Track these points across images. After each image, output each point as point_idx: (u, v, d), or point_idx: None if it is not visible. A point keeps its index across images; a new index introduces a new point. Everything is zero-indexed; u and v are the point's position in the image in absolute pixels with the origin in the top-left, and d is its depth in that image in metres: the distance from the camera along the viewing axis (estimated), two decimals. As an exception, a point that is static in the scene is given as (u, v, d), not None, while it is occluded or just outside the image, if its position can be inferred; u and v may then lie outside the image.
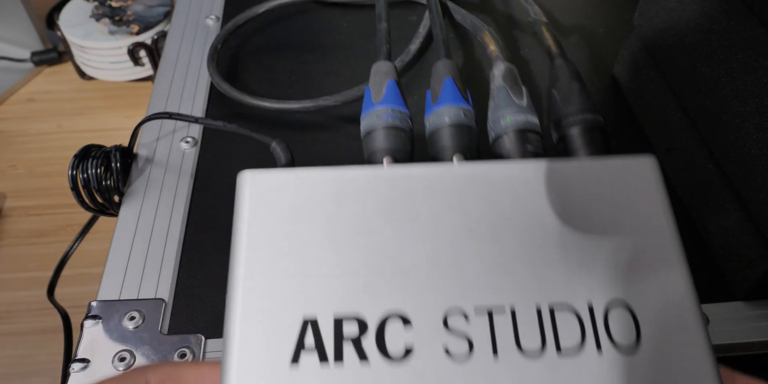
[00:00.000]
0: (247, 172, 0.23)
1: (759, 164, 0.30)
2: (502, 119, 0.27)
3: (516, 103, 0.28)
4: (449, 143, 0.27)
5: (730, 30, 0.32)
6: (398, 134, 0.27)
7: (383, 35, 0.34)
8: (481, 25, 0.36)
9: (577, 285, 0.21)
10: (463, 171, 0.23)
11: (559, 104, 0.28)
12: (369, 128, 0.27)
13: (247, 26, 0.49)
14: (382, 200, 0.23)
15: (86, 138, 1.24)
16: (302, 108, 0.41)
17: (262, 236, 0.22)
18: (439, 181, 0.23)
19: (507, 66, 0.30)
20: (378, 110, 0.27)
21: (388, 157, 0.26)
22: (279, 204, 0.22)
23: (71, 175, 0.34)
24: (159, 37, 1.20)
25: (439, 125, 0.27)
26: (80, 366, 0.29)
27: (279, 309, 0.21)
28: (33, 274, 1.01)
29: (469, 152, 0.27)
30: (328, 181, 0.23)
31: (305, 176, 0.23)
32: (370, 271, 0.22)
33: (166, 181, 0.38)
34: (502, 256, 0.22)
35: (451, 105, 0.27)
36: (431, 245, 0.22)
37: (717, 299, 0.33)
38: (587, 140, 0.27)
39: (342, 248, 0.22)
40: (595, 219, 0.23)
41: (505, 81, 0.29)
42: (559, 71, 0.30)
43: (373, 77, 0.30)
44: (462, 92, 0.28)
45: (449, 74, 0.29)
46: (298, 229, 0.22)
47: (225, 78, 0.43)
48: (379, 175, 0.23)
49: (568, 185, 0.23)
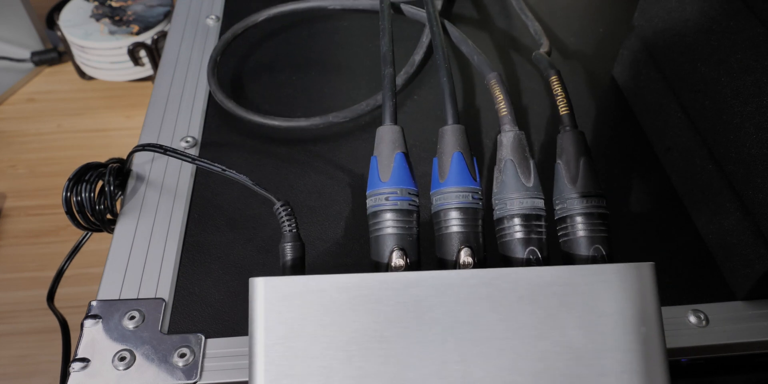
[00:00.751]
0: (259, 279, 0.24)
1: (759, 164, 0.30)
2: (508, 202, 0.28)
3: (523, 184, 0.28)
4: (456, 232, 0.27)
5: (730, 30, 0.32)
6: (405, 219, 0.27)
7: (389, 84, 0.31)
8: (489, 67, 0.33)
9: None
10: (472, 280, 0.24)
11: (564, 181, 0.28)
12: (376, 209, 0.27)
13: (247, 34, 0.49)
14: (391, 309, 0.24)
15: (86, 138, 1.24)
16: (312, 125, 0.40)
17: (278, 344, 0.23)
18: (447, 288, 0.24)
19: (515, 134, 0.29)
20: (386, 191, 0.27)
21: (397, 251, 0.26)
22: (292, 312, 0.23)
23: (65, 197, 0.35)
24: (159, 37, 1.20)
25: (446, 206, 0.27)
26: (80, 365, 0.29)
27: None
28: (33, 274, 1.01)
29: (474, 241, 0.27)
30: (338, 289, 0.24)
31: (315, 284, 0.24)
32: (381, 382, 0.23)
33: (166, 181, 0.38)
34: (505, 368, 0.23)
35: (458, 186, 0.27)
36: (439, 355, 0.23)
37: (717, 299, 0.33)
38: (589, 229, 0.27)
39: (353, 357, 0.23)
40: (592, 329, 0.24)
41: (513, 154, 0.29)
42: (566, 142, 0.29)
43: (379, 146, 0.29)
44: (470, 168, 0.28)
45: (458, 147, 0.28)
46: (311, 336, 0.23)
47: (227, 88, 0.43)
48: (387, 283, 0.24)
49: (570, 295, 0.24)
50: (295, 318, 0.23)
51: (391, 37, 0.34)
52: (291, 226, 0.28)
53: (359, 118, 0.42)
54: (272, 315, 0.23)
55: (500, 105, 0.30)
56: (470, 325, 0.24)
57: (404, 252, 0.26)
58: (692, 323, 0.32)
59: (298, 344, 0.23)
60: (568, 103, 0.31)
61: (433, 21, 0.35)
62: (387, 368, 0.23)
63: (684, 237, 0.36)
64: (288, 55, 0.48)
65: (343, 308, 0.23)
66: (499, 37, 0.50)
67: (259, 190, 0.30)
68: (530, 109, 0.44)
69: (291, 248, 0.27)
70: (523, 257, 0.27)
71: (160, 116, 0.43)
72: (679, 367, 0.33)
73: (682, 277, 0.34)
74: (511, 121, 0.30)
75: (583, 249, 0.27)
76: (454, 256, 0.27)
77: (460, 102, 0.44)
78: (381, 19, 0.35)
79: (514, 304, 0.24)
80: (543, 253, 0.27)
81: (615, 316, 0.24)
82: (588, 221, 0.27)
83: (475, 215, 0.27)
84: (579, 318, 0.24)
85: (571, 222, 0.28)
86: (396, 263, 0.26)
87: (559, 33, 0.50)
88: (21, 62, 1.35)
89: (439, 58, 0.33)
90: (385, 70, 0.32)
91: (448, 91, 0.31)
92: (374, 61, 0.48)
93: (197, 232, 0.36)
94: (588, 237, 0.27)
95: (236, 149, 0.41)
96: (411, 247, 0.27)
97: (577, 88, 0.46)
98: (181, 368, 0.29)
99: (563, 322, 0.24)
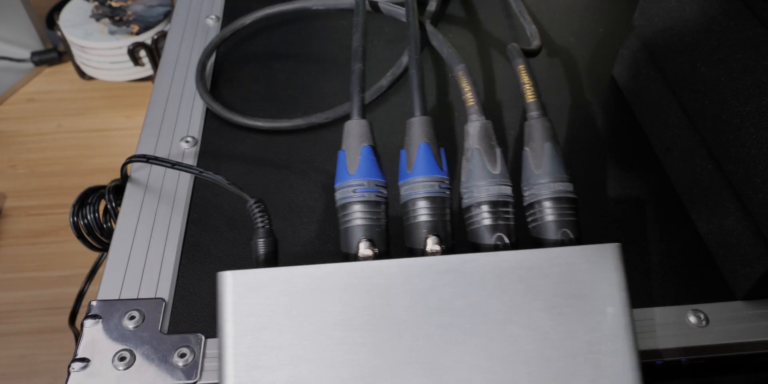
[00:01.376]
0: (227, 273, 0.24)
1: (759, 164, 0.30)
2: (475, 189, 0.28)
3: (489, 171, 0.28)
4: (423, 221, 0.27)
5: (730, 30, 0.32)
6: (373, 211, 0.27)
7: (358, 79, 0.31)
8: (458, 59, 0.33)
9: (539, 380, 0.23)
10: (437, 267, 0.24)
11: (531, 167, 0.29)
12: (345, 201, 0.28)
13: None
14: (358, 297, 0.24)
15: (86, 138, 1.24)
16: (294, 126, 0.41)
17: (246, 336, 0.23)
18: (414, 275, 0.24)
19: (482, 123, 0.29)
20: (353, 183, 0.28)
21: (364, 242, 0.27)
22: (259, 304, 0.24)
23: (73, 222, 0.37)
24: (159, 37, 1.20)
25: (413, 196, 0.28)
26: (80, 365, 0.29)
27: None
28: (33, 274, 1.01)
29: (442, 229, 0.27)
30: (305, 280, 0.24)
31: (282, 275, 0.24)
32: (350, 370, 0.23)
33: (166, 181, 0.38)
34: (473, 353, 0.23)
35: (425, 176, 0.28)
36: (407, 342, 0.23)
37: (717, 299, 0.33)
38: (556, 213, 0.27)
39: (321, 346, 0.23)
40: (558, 311, 0.24)
41: (480, 143, 0.29)
42: (533, 129, 0.30)
43: (347, 140, 0.29)
44: (437, 158, 0.28)
45: (425, 138, 0.28)
46: (280, 327, 0.23)
47: (217, 90, 0.43)
48: (353, 272, 0.24)
49: (535, 278, 0.24)
50: (264, 310, 0.23)
51: (363, 33, 0.34)
52: (264, 223, 0.28)
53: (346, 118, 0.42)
54: (240, 307, 0.23)
55: (467, 96, 0.31)
56: (437, 310, 0.24)
57: (372, 242, 0.27)
58: (692, 323, 0.32)
59: (267, 335, 0.23)
60: (535, 91, 0.31)
61: (410, 12, 0.35)
62: (355, 356, 0.23)
63: (684, 237, 0.36)
64: (282, 56, 0.48)
65: (311, 298, 0.24)
66: (495, 37, 0.50)
67: (233, 189, 0.30)
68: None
69: (263, 243, 0.27)
70: (491, 243, 0.27)
71: (160, 116, 0.43)
72: (679, 367, 0.33)
73: (682, 277, 0.34)
74: (477, 111, 0.30)
75: (551, 233, 0.27)
76: (422, 244, 0.27)
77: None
78: (355, 15, 0.35)
79: (480, 289, 0.24)
80: (511, 238, 0.27)
81: (581, 297, 0.24)
82: (555, 205, 0.28)
83: (443, 204, 0.28)
84: (545, 300, 0.24)
85: (539, 207, 0.28)
86: (364, 253, 0.26)
87: (559, 33, 0.50)
88: (21, 62, 1.35)
89: (411, 50, 0.33)
90: (354, 66, 0.32)
91: (417, 82, 0.31)
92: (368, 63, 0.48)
93: (197, 232, 0.36)
94: (555, 221, 0.27)
95: (236, 149, 0.41)
96: (379, 237, 0.27)
97: (577, 88, 0.46)
98: (181, 368, 0.29)
99: (530, 305, 0.24)
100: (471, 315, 0.24)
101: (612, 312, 0.24)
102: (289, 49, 0.49)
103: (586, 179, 0.39)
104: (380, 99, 0.44)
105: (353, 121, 0.30)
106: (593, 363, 0.24)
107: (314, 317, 0.23)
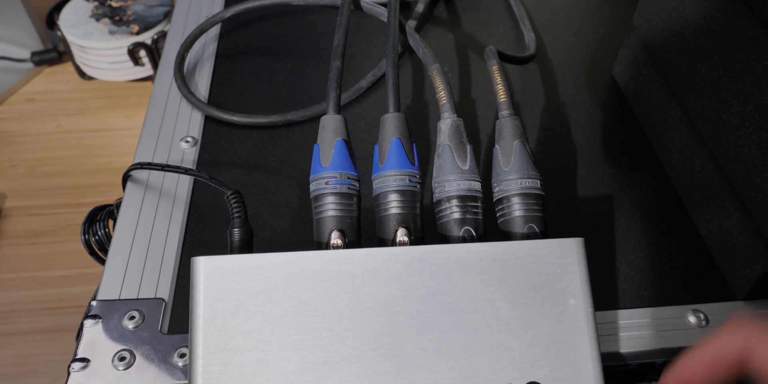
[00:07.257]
0: (200, 258, 0.25)
1: (759, 164, 0.30)
2: (446, 184, 0.29)
3: (459, 167, 0.29)
4: (393, 213, 0.28)
5: (730, 30, 0.32)
6: (345, 202, 0.28)
7: (335, 77, 0.32)
8: (432, 60, 0.33)
9: (501, 369, 0.24)
10: (404, 256, 0.25)
11: (500, 164, 0.30)
12: (318, 193, 0.28)
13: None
14: (325, 284, 0.25)
15: (86, 138, 1.24)
16: (270, 122, 0.42)
17: (217, 319, 0.24)
18: (380, 264, 0.25)
19: (453, 121, 0.30)
20: (326, 175, 0.28)
21: (335, 232, 0.28)
22: (230, 289, 0.24)
23: (85, 240, 0.39)
24: (159, 37, 1.20)
25: (384, 189, 0.29)
26: (80, 365, 0.29)
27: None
28: (33, 274, 1.01)
29: (412, 221, 0.28)
30: (275, 266, 0.25)
31: (253, 262, 0.25)
32: (316, 354, 0.24)
33: (166, 181, 0.38)
34: (437, 341, 0.24)
35: (396, 170, 0.29)
36: (372, 329, 0.24)
37: (717, 299, 0.33)
38: (524, 209, 0.29)
39: (289, 330, 0.24)
40: (521, 302, 0.25)
41: (450, 139, 0.30)
42: (504, 128, 0.31)
43: (322, 134, 0.30)
44: (408, 153, 0.29)
45: (397, 134, 0.29)
46: (249, 312, 0.24)
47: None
48: (322, 260, 0.25)
49: (500, 269, 0.25)
50: (235, 295, 0.24)
51: (345, 33, 0.35)
52: (239, 213, 0.29)
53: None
54: (211, 292, 0.24)
55: (440, 94, 0.31)
56: (402, 299, 0.25)
57: (342, 233, 0.28)
58: (692, 323, 0.32)
59: (237, 320, 0.24)
60: (507, 91, 0.32)
61: (392, 12, 0.36)
62: (321, 341, 0.24)
63: (684, 237, 0.36)
64: (277, 52, 0.48)
65: (280, 284, 0.24)
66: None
67: (213, 183, 0.32)
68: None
69: (238, 232, 0.28)
70: (458, 235, 0.28)
71: (160, 116, 0.43)
72: (679, 367, 0.33)
73: (682, 277, 0.34)
74: (449, 109, 0.31)
75: (518, 228, 0.29)
76: (392, 235, 0.28)
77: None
78: (339, 15, 0.36)
79: (445, 279, 0.25)
80: (478, 231, 0.28)
81: (543, 289, 0.25)
82: (522, 201, 0.29)
83: (413, 197, 0.29)
84: (509, 291, 0.25)
85: (507, 203, 0.29)
86: (334, 243, 0.27)
87: (559, 33, 0.50)
88: (21, 62, 1.35)
89: (388, 48, 0.34)
90: (333, 63, 0.33)
91: (392, 80, 0.32)
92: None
93: (197, 232, 0.36)
94: (522, 216, 0.29)
95: (236, 149, 0.41)
96: (350, 228, 0.28)
97: (577, 88, 0.46)
98: (181, 368, 0.29)
99: (493, 295, 0.25)
100: (435, 304, 0.25)
101: (573, 304, 0.25)
102: (283, 46, 0.49)
103: (586, 179, 0.39)
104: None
105: (328, 116, 0.31)
106: (554, 353, 0.24)
107: (283, 303, 0.24)
